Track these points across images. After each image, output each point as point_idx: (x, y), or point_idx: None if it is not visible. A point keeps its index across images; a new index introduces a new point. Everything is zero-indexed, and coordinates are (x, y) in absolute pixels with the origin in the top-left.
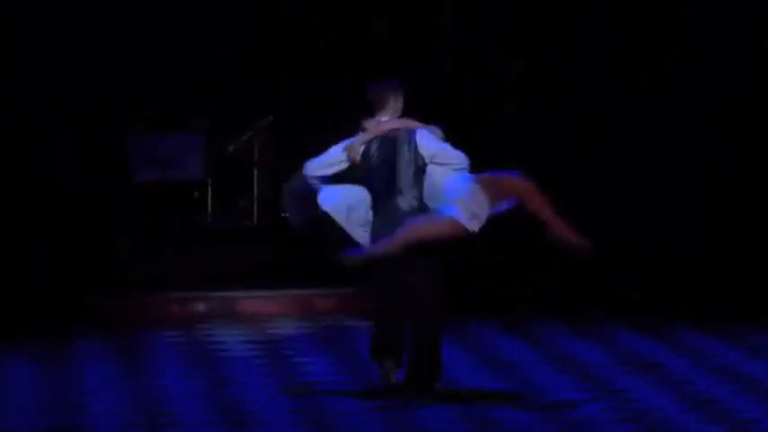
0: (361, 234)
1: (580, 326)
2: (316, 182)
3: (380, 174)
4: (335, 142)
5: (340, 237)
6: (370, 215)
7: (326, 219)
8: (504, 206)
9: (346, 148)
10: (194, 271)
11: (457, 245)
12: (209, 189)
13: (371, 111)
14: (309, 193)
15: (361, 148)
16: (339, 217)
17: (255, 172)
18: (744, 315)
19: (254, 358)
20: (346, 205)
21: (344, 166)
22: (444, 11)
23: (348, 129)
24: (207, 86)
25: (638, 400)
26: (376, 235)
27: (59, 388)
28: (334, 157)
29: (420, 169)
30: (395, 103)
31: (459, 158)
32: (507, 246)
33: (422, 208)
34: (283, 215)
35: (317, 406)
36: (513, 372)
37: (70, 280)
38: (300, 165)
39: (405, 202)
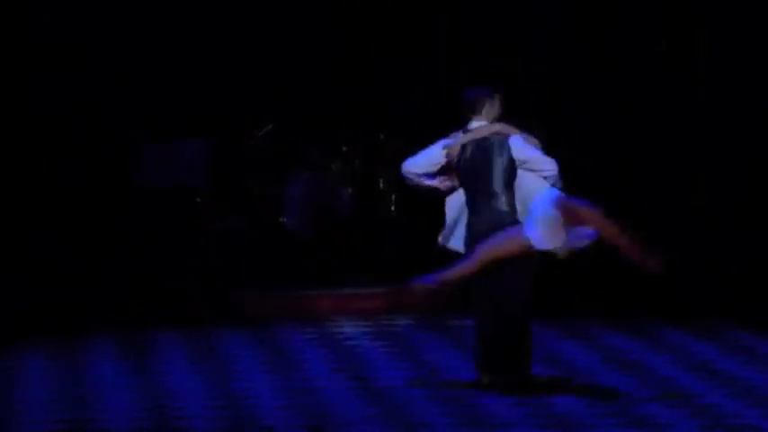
0: (449, 239)
1: (564, 325)
2: (414, 178)
3: (475, 176)
4: (332, 150)
5: None
6: (465, 214)
7: None
8: (587, 237)
9: (446, 148)
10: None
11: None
12: (211, 195)
13: (468, 115)
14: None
15: (458, 149)
16: (447, 232)
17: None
18: (722, 313)
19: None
20: (454, 220)
21: (441, 165)
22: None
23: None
24: (213, 94)
25: (620, 396)
26: (473, 236)
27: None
28: (433, 156)
29: (512, 174)
30: (490, 109)
31: (549, 165)
32: None
33: (513, 211)
34: (283, 220)
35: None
36: None
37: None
38: (299, 171)
39: (500, 204)
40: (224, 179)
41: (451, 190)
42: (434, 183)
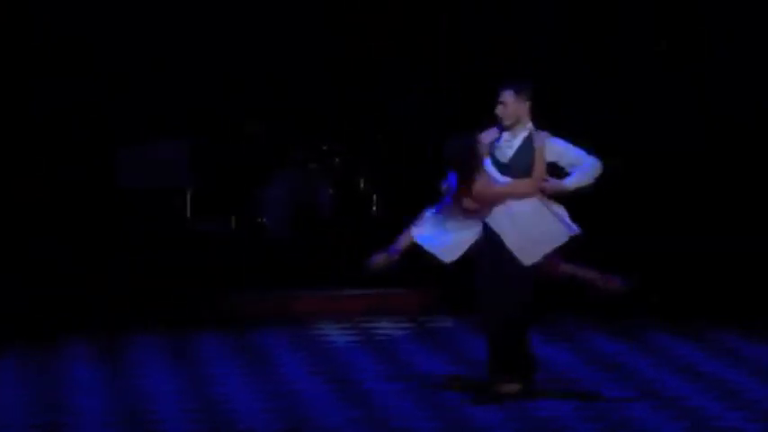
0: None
1: (548, 326)
2: None
3: None
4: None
5: None
6: None
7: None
8: None
9: None
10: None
11: None
12: (188, 195)
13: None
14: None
15: None
16: None
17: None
18: (708, 315)
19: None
20: None
21: None
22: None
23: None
24: (213, 94)
25: (603, 399)
26: None
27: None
28: None
29: None
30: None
31: None
32: None
33: None
34: (262, 219)
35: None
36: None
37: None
38: (279, 170)
39: None
40: (208, 179)
41: None
42: None
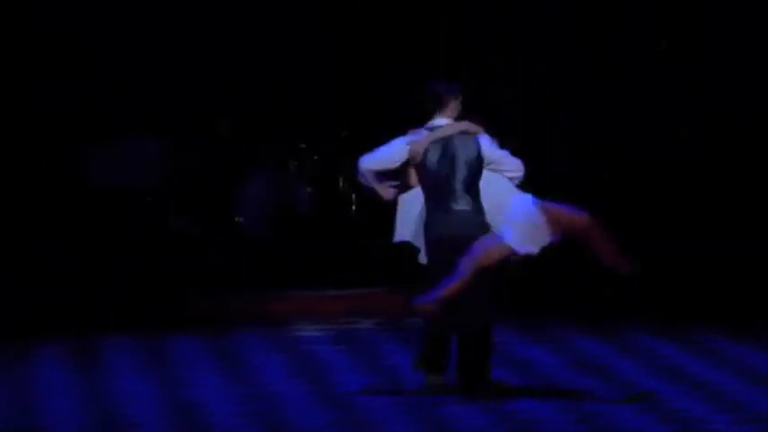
0: (407, 233)
1: (532, 328)
2: (368, 176)
3: (440, 176)
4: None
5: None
6: (423, 214)
7: None
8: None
9: (411, 144)
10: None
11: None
12: (166, 195)
13: (431, 111)
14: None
15: (424, 147)
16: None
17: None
18: (692, 316)
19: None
20: (407, 213)
21: (402, 162)
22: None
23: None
24: (169, 93)
25: (588, 401)
26: (436, 239)
27: None
28: (394, 153)
29: (478, 174)
30: (456, 105)
31: (516, 165)
32: None
33: (479, 213)
34: (239, 219)
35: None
36: None
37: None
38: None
39: (464, 205)
40: (183, 178)
41: (395, 197)
42: (381, 187)
